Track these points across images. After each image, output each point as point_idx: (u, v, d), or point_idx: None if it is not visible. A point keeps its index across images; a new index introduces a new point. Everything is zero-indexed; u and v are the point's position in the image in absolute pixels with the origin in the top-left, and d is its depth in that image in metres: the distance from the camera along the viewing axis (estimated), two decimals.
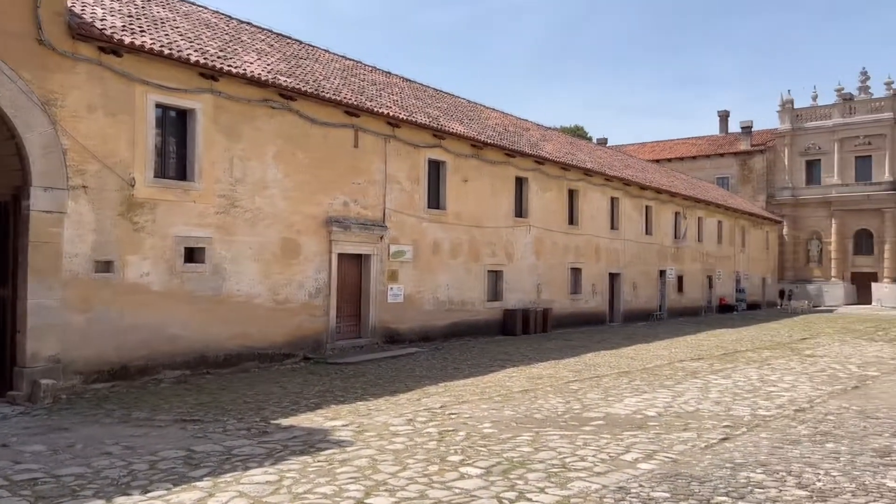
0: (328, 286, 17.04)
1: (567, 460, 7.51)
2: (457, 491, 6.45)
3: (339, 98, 17.15)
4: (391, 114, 18.68)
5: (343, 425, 9.23)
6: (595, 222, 29.12)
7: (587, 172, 28.14)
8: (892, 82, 50.11)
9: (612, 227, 30.51)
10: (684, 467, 7.24)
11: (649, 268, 33.48)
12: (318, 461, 7.43)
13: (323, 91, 16.91)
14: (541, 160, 25.20)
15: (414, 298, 19.81)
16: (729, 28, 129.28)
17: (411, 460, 7.49)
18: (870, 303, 47.35)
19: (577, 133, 60.69)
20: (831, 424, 9.41)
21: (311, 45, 21.42)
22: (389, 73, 24.32)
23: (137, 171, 13.06)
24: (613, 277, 30.63)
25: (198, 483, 6.67)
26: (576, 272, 27.85)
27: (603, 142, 59.10)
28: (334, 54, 22.16)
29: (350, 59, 22.74)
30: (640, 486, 6.59)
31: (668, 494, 6.32)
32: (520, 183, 24.65)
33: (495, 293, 23.38)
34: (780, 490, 6.45)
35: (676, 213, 36.37)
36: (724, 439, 8.51)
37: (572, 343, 20.73)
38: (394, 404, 10.80)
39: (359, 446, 8.09)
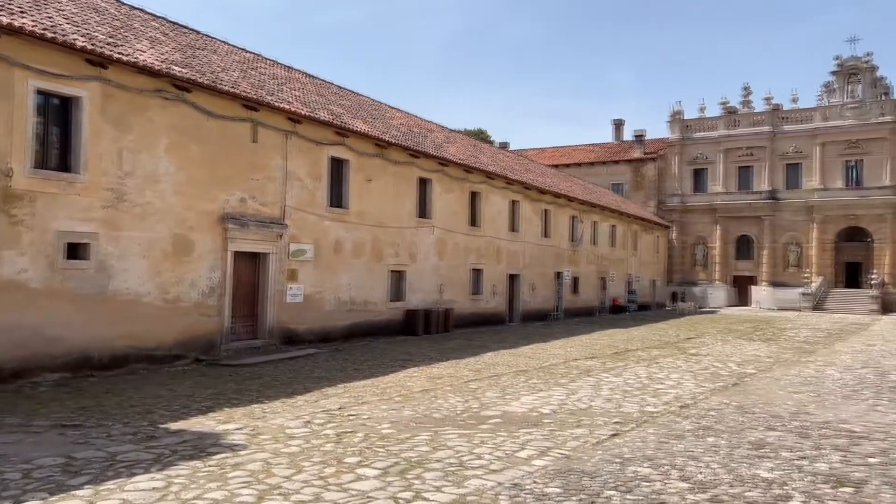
0: (223, 285, 16.50)
1: (464, 459, 7.58)
2: (353, 493, 6.38)
3: (237, 91, 16.64)
4: (292, 109, 18.30)
5: (236, 428, 8.95)
6: (496, 224, 29.62)
7: (489, 175, 28.58)
8: (771, 98, 53.66)
9: (513, 230, 31.13)
10: (576, 463, 7.46)
11: (547, 269, 34.37)
12: (209, 466, 7.17)
13: (220, 83, 16.37)
14: (444, 162, 25.38)
15: (314, 298, 19.49)
16: (626, 40, 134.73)
17: (307, 463, 7.35)
18: (749, 304, 50.43)
19: (480, 136, 61.56)
20: (712, 419, 9.93)
21: (209, 36, 20.71)
22: (291, 67, 23.85)
23: (15, 160, 12.20)
24: (513, 278, 31.26)
25: (77, 491, 6.29)
26: (477, 273, 28.23)
27: (505, 146, 60.19)
28: (233, 46, 21.51)
29: (250, 52, 22.15)
30: (534, 482, 6.73)
31: (560, 490, 6.48)
32: (423, 184, 24.74)
33: (398, 293, 23.36)
34: (665, 483, 6.74)
35: (573, 217, 37.52)
36: (615, 435, 8.82)
37: (473, 343, 20.98)
38: (290, 406, 10.57)
39: (253, 450, 7.86)
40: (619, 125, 64.77)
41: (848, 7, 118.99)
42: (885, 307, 44.53)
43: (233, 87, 16.68)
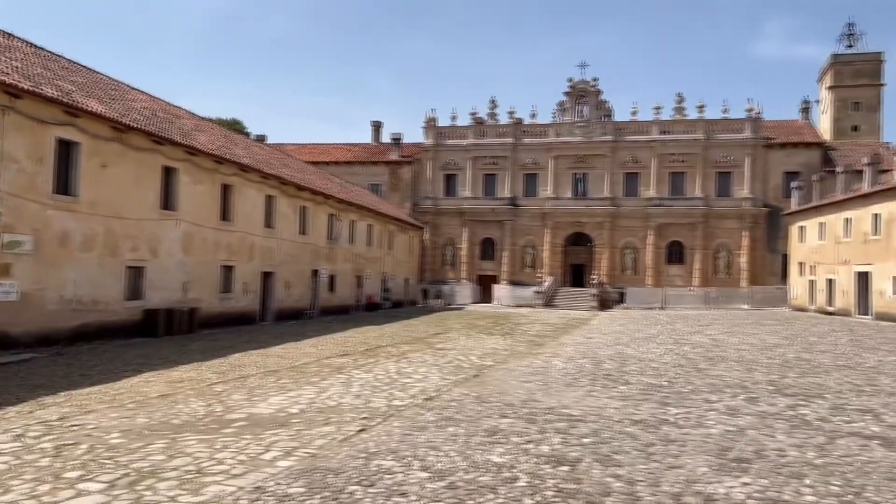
0: None
1: (204, 465, 7.17)
2: None
3: None
4: (9, 82, 16.06)
5: None
6: (250, 220, 28.62)
7: (243, 168, 27.55)
8: (514, 112, 58.44)
9: (268, 226, 30.31)
10: (322, 461, 7.41)
11: (303, 267, 33.99)
12: None
13: None
14: (193, 151, 23.95)
15: (33, 296, 17.27)
16: (386, 47, 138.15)
17: (16, 481, 6.46)
18: (491, 301, 54.28)
19: (235, 127, 59.13)
20: (453, 410, 10.47)
21: None
22: (12, 34, 20.95)
23: None
24: (267, 276, 30.44)
25: None
26: (227, 270, 27.04)
27: (262, 139, 58.52)
28: None
29: None
30: (277, 483, 6.57)
31: (304, 489, 6.39)
32: (168, 173, 23.12)
33: (136, 291, 21.55)
34: (406, 474, 6.96)
35: (331, 215, 37.55)
36: (361, 431, 8.93)
37: (220, 343, 20.03)
38: None
39: None
40: (377, 127, 66.15)
41: (583, 35, 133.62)
42: (603, 304, 50.47)
43: None
